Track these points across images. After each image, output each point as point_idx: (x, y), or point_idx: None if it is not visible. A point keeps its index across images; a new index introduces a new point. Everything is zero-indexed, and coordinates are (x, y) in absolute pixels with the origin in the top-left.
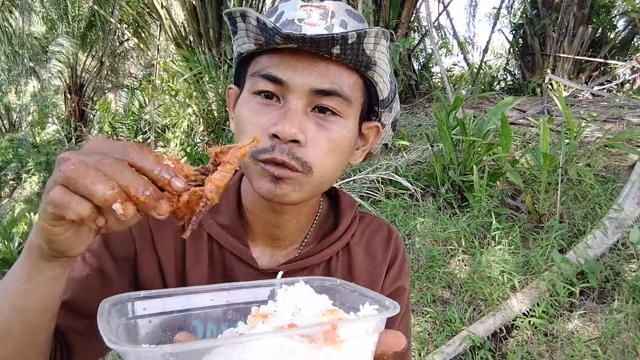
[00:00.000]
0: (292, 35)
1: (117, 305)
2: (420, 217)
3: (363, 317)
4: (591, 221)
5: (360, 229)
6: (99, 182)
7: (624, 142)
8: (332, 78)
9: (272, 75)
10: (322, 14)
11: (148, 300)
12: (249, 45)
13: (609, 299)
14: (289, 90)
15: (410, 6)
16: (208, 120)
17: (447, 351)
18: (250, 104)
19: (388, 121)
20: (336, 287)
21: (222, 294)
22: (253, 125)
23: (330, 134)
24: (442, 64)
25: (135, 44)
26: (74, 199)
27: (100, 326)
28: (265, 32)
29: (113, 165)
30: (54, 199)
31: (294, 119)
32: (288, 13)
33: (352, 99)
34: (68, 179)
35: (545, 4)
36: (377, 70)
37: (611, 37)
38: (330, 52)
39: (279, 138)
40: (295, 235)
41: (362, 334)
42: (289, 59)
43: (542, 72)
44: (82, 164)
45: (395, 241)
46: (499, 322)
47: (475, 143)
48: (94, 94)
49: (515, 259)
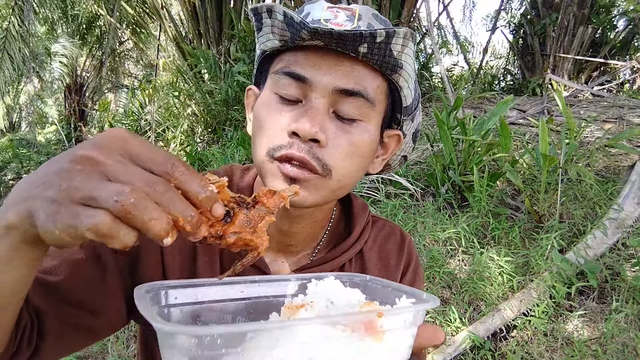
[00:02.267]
0: (319, 29)
1: (151, 293)
2: (420, 217)
3: (404, 308)
4: (591, 221)
5: (373, 234)
6: (155, 219)
7: (624, 142)
8: (357, 78)
9: (296, 73)
10: (349, 15)
11: (180, 289)
12: (273, 42)
13: (609, 299)
14: (311, 89)
15: (410, 6)
16: (208, 120)
17: (447, 351)
18: (271, 102)
19: (409, 131)
20: (366, 282)
21: (253, 286)
22: (272, 123)
23: (352, 136)
24: (442, 64)
25: (135, 44)
26: (122, 229)
27: (144, 310)
28: (291, 26)
29: (166, 194)
30: (101, 229)
31: (315, 117)
32: (314, 13)
33: (376, 102)
34: (126, 212)
35: (545, 4)
36: (403, 74)
37: (611, 37)
38: (357, 50)
39: (299, 136)
40: (307, 241)
41: (401, 327)
42: (314, 57)
43: (542, 72)
44: (140, 195)
45: (408, 246)
46: (499, 322)
47: (475, 143)
48: (94, 94)
49: (515, 259)
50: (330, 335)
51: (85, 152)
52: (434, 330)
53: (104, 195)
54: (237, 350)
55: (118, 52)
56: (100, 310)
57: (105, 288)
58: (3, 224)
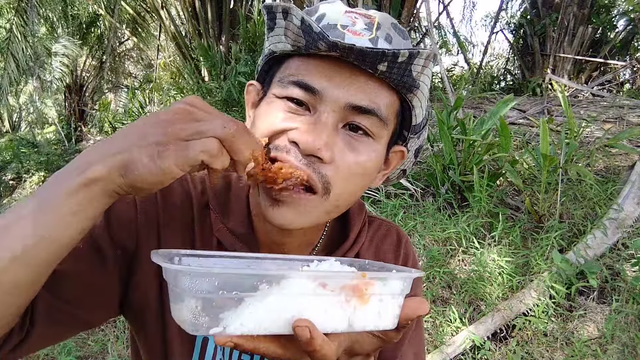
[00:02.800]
0: (339, 44)
1: (165, 257)
2: (420, 217)
3: (388, 274)
4: (591, 221)
5: (370, 236)
6: (247, 147)
7: (624, 142)
8: (370, 95)
9: (306, 83)
10: (367, 23)
11: (191, 258)
12: (285, 45)
13: (609, 299)
14: (322, 101)
15: (410, 6)
16: None
17: (447, 351)
18: (276, 106)
19: (413, 148)
20: (365, 265)
21: (259, 262)
22: (273, 123)
23: (359, 156)
24: (442, 64)
25: (135, 43)
26: (224, 152)
27: (154, 257)
28: (308, 35)
29: (246, 134)
30: (212, 149)
31: (322, 131)
32: (330, 16)
33: (388, 121)
34: (230, 137)
35: (545, 4)
36: (418, 95)
37: (611, 37)
38: (376, 67)
39: (298, 146)
40: (302, 247)
41: (387, 293)
42: (327, 68)
43: (542, 72)
44: (238, 127)
45: (405, 246)
46: (499, 322)
47: (475, 143)
48: (94, 94)
49: (515, 259)
50: (319, 292)
51: (177, 107)
52: (419, 302)
53: (211, 127)
54: (240, 296)
55: (118, 52)
56: (94, 304)
57: (102, 282)
58: (87, 176)
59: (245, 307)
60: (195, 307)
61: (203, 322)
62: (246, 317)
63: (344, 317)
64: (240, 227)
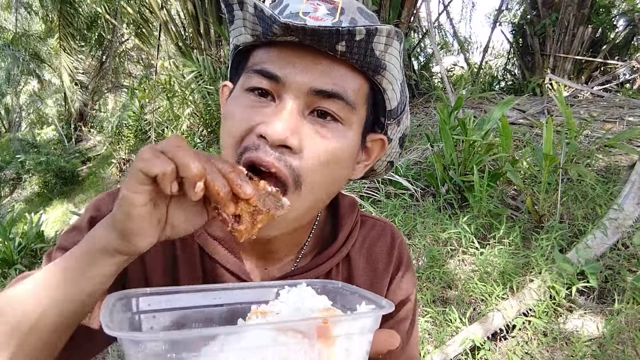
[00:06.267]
0: (291, 25)
1: (123, 300)
2: (420, 217)
3: (354, 314)
4: (591, 221)
5: (362, 236)
6: (192, 161)
7: (624, 142)
8: (335, 79)
9: (267, 71)
10: (330, 9)
11: (153, 296)
12: (246, 37)
13: (609, 299)
14: (285, 89)
15: (410, 6)
16: (208, 120)
17: (447, 351)
18: (241, 101)
19: (395, 136)
20: (338, 289)
21: (228, 294)
22: (241, 123)
23: (329, 142)
24: (442, 64)
25: (135, 44)
26: (161, 158)
27: (101, 315)
28: (262, 20)
29: (205, 158)
30: (146, 157)
31: (287, 119)
32: (293, 6)
33: (356, 105)
34: (165, 150)
35: (545, 4)
36: (387, 76)
37: (611, 37)
38: (335, 48)
39: (267, 140)
40: (290, 247)
41: (356, 332)
42: (288, 54)
43: (542, 72)
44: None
45: (398, 248)
46: (499, 322)
47: (476, 143)
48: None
49: (516, 259)
50: (280, 340)
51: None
52: (389, 335)
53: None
54: (194, 355)
55: (118, 52)
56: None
57: None
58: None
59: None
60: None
61: None
62: None
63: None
64: (222, 232)
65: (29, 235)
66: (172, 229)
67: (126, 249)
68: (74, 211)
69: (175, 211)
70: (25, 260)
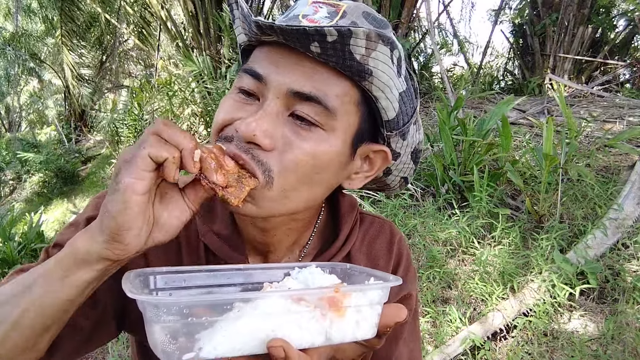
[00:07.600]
0: (260, 23)
1: (141, 277)
2: (420, 217)
3: (363, 286)
4: (591, 221)
5: (361, 234)
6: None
7: (624, 142)
8: (316, 82)
9: (253, 70)
10: (331, 12)
11: (170, 274)
12: (242, 36)
13: (609, 299)
14: (267, 88)
15: (410, 6)
16: (208, 120)
17: (447, 351)
18: (231, 96)
19: (404, 150)
20: (346, 270)
21: (240, 274)
22: (224, 115)
23: (306, 144)
24: (442, 64)
25: (135, 44)
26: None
27: (123, 284)
28: (246, 19)
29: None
30: (152, 142)
31: (261, 118)
32: (298, 9)
33: (338, 111)
34: (166, 128)
35: (545, 4)
36: (375, 83)
37: (611, 37)
38: (309, 48)
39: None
40: (291, 248)
41: (365, 304)
42: (275, 55)
43: (542, 72)
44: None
45: (398, 245)
46: (499, 322)
47: (476, 143)
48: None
49: (516, 259)
50: (292, 309)
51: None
52: (398, 309)
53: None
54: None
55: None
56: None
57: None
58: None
59: (218, 330)
60: (166, 335)
61: (175, 348)
62: (219, 340)
63: (320, 331)
64: (225, 230)
65: (29, 235)
66: (159, 230)
67: (114, 251)
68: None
69: (159, 209)
70: (25, 260)
